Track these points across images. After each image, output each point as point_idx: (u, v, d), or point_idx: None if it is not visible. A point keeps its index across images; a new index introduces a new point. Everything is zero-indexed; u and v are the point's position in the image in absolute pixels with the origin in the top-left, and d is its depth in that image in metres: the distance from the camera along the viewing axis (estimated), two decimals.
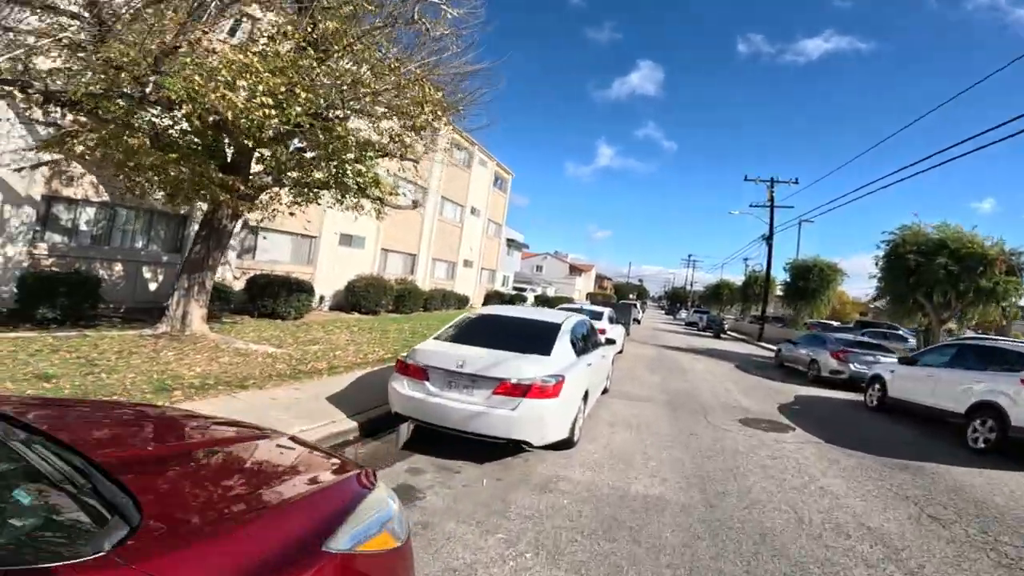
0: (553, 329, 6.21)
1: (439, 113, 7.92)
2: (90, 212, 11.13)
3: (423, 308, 20.69)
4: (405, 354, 5.76)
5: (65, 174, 10.38)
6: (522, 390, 5.11)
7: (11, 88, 5.87)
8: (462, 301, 25.55)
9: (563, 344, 5.98)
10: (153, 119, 7.58)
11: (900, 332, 30.51)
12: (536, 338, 6.06)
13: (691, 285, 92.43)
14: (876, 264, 21.18)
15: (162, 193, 9.13)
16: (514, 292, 35.46)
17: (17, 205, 9.75)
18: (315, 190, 10.07)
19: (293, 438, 2.91)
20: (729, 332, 40.94)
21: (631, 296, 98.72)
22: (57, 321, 8.77)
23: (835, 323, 40.83)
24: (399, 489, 4.43)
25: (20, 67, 5.84)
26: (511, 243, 43.78)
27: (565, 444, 5.67)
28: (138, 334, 8.53)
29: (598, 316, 13.85)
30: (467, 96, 10.28)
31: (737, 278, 61.42)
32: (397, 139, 8.22)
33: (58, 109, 6.60)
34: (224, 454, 2.47)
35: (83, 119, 7.14)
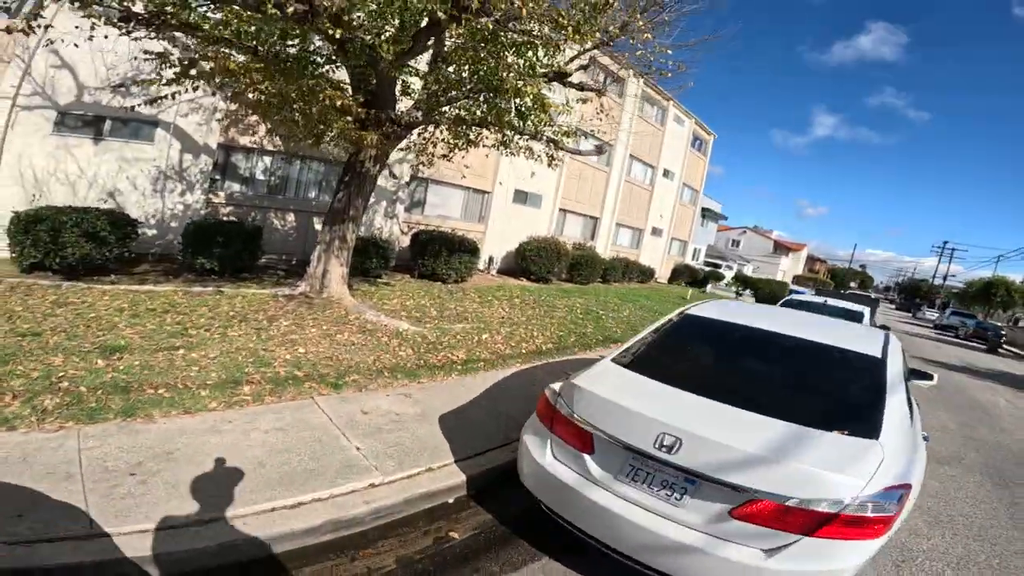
0: (874, 371, 2.98)
1: None
2: (266, 161, 10.84)
3: (601, 279, 18.00)
4: (556, 388, 3.17)
5: (241, 122, 10.05)
6: (808, 521, 2.19)
7: None
8: (646, 274, 22.15)
9: (897, 406, 2.74)
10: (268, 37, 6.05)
11: None
12: (839, 390, 2.96)
13: (944, 279, 71.95)
14: None
15: (306, 133, 7.92)
16: (708, 268, 30.40)
17: (194, 154, 9.64)
18: (473, 128, 7.97)
19: None
20: (1006, 347, 29.83)
21: (852, 285, 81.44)
22: (215, 272, 8.32)
23: None
24: None
25: None
26: (706, 213, 38.04)
27: None
28: (273, 293, 7.55)
29: (855, 317, 9.53)
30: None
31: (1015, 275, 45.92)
32: (562, 20, 5.35)
33: (143, 29, 5.44)
34: None
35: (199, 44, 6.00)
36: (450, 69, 7.03)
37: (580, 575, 2.88)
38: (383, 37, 5.19)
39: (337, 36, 4.81)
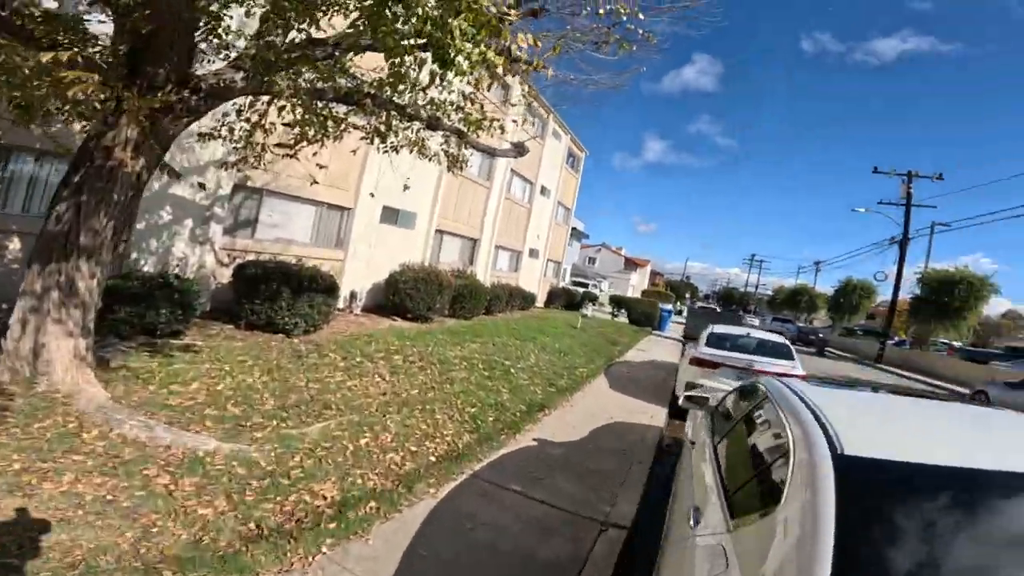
0: None
1: None
2: None
3: (485, 311, 15.61)
4: None
5: None
6: None
7: None
8: (527, 300, 20.30)
9: None
10: None
11: None
12: None
13: (756, 288, 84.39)
14: None
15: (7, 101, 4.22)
16: (582, 290, 29.93)
17: None
18: (330, 106, 5.06)
19: None
20: (829, 349, 34.32)
21: (688, 296, 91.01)
22: None
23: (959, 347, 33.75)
24: None
25: None
26: (572, 232, 38.36)
27: None
28: None
29: (782, 353, 8.47)
30: None
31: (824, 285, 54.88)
32: None
33: None
34: None
35: None
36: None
37: None
38: None
39: None
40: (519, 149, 6.47)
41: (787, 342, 9.14)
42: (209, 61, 5.27)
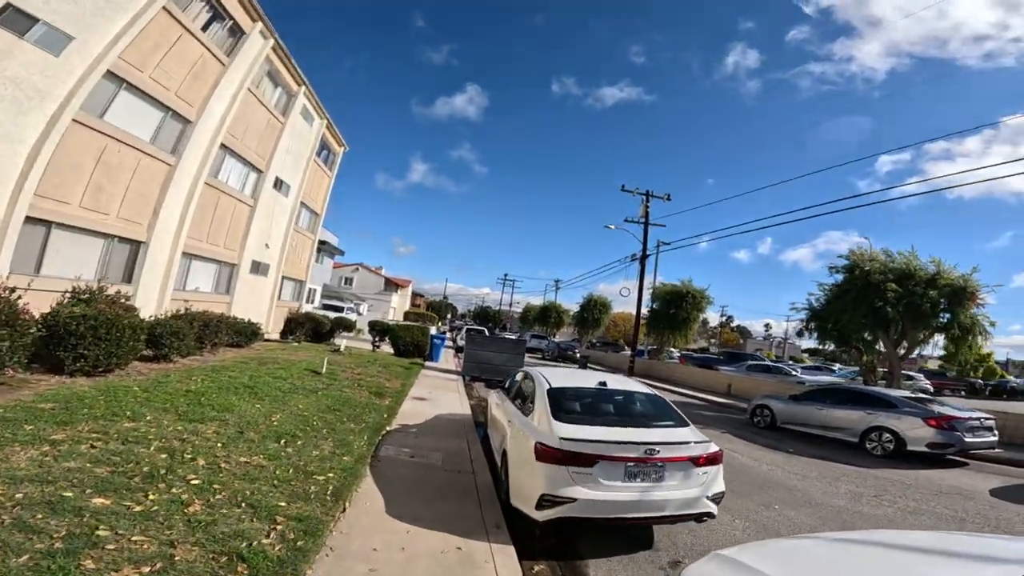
0: None
1: None
2: None
3: (154, 357, 8.97)
4: None
5: None
6: None
7: None
8: (246, 333, 13.69)
9: None
10: None
11: (778, 365, 29.09)
12: None
13: (509, 307, 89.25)
14: (819, 296, 17.37)
15: None
16: (333, 315, 23.85)
17: None
18: None
19: None
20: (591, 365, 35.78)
21: (449, 316, 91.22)
22: None
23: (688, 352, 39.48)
24: None
25: None
26: (323, 246, 31.91)
27: None
28: None
29: (664, 415, 5.25)
30: None
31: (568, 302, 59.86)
32: None
33: None
34: None
35: None
36: None
37: None
38: None
39: None
40: None
41: (659, 395, 5.78)
42: None
